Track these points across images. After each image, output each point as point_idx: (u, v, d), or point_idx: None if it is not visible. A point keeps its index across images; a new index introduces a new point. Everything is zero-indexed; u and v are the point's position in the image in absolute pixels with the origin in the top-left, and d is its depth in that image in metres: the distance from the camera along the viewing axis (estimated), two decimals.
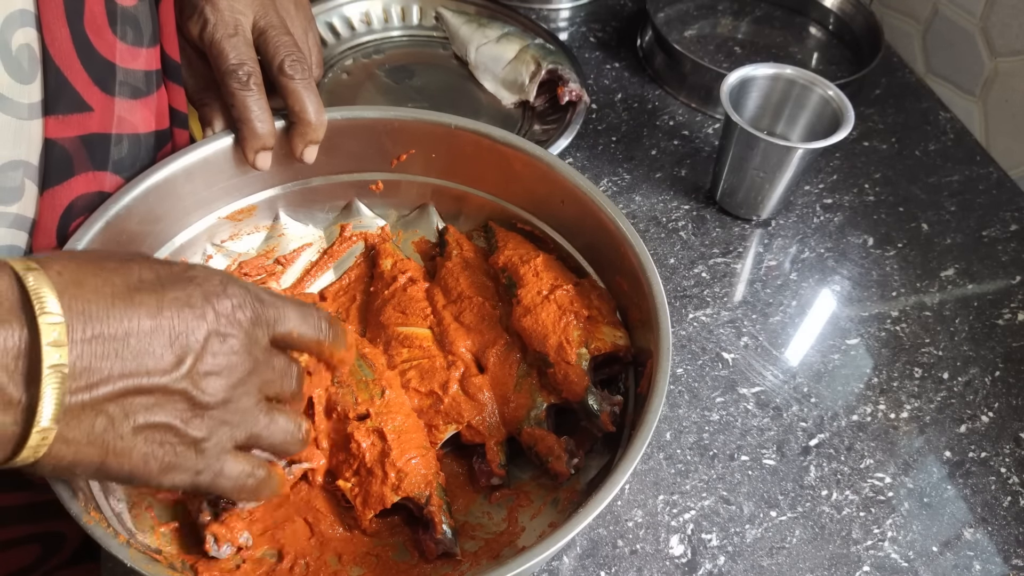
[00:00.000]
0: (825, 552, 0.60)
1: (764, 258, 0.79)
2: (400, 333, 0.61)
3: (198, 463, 0.42)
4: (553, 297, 0.59)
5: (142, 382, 0.39)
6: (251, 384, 0.44)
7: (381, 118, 0.64)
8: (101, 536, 0.42)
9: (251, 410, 0.44)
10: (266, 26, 0.59)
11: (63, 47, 0.48)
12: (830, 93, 0.78)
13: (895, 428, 0.68)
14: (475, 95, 0.91)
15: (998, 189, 0.87)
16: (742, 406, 0.68)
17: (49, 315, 0.36)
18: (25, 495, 0.59)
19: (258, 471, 0.46)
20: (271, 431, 0.46)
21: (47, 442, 0.37)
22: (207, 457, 0.43)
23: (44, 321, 0.36)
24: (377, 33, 0.96)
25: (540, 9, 1.02)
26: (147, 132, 0.57)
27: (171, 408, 0.40)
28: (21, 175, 0.48)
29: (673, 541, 0.60)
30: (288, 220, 0.68)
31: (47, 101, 0.48)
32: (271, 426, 0.46)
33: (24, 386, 0.36)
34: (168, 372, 0.39)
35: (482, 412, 0.57)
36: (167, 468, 0.41)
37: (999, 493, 0.64)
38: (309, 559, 0.52)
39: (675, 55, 0.91)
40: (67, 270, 0.38)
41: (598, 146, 0.87)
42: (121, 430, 0.39)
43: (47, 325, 0.36)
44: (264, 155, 0.60)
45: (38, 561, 0.63)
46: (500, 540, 0.54)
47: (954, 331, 0.74)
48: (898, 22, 1.03)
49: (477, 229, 0.68)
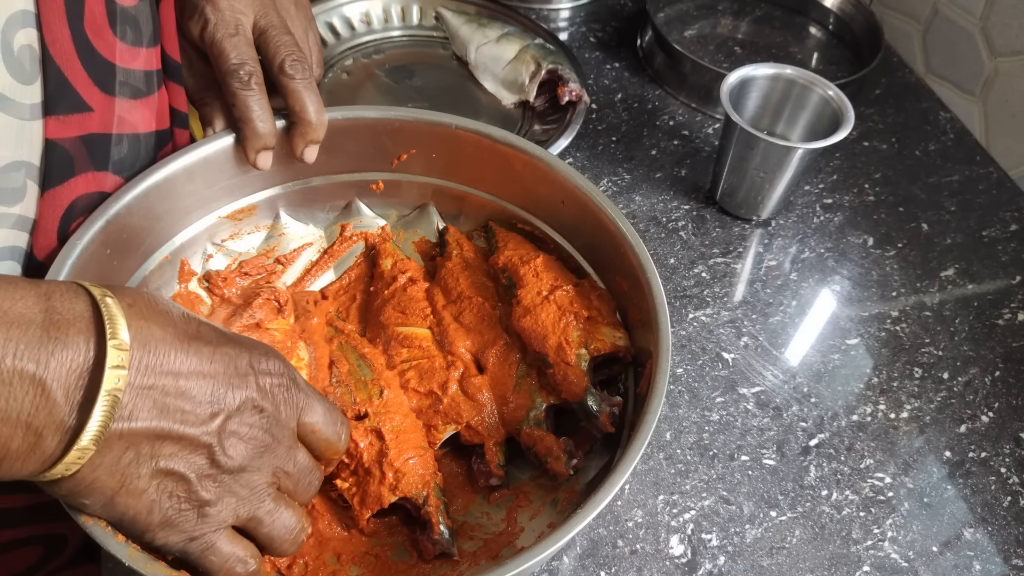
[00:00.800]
0: (825, 552, 0.60)
1: (764, 258, 0.79)
2: (400, 333, 0.61)
3: (196, 528, 0.42)
4: (553, 297, 0.59)
5: (175, 428, 0.40)
6: (268, 461, 0.44)
7: (382, 118, 0.64)
8: (100, 535, 0.42)
9: (261, 490, 0.44)
10: (267, 26, 0.59)
11: (63, 47, 0.48)
12: (830, 93, 0.78)
13: (895, 428, 0.68)
14: (475, 95, 0.91)
15: (998, 189, 0.87)
16: (742, 406, 0.68)
17: (118, 341, 0.37)
18: (27, 497, 0.59)
19: (250, 561, 0.45)
20: (273, 519, 0.45)
21: (81, 462, 0.38)
22: (206, 524, 0.42)
23: (112, 345, 0.37)
24: (377, 33, 0.96)
25: (540, 9, 1.02)
26: (147, 132, 0.57)
27: (191, 460, 0.41)
28: (23, 176, 0.48)
29: (673, 541, 0.60)
30: (289, 219, 0.68)
31: (47, 101, 0.48)
32: (274, 514, 0.45)
33: (78, 404, 0.37)
34: (201, 424, 0.40)
35: (481, 412, 0.57)
36: (165, 523, 0.41)
37: (999, 493, 0.64)
38: (308, 558, 0.52)
39: (675, 55, 0.91)
40: (137, 304, 0.40)
41: (598, 146, 0.87)
42: (141, 469, 0.40)
43: (114, 350, 0.37)
44: (265, 155, 0.60)
45: (40, 563, 0.63)
46: (499, 540, 0.54)
47: (954, 331, 0.74)
48: (898, 22, 1.03)
49: (477, 229, 0.68)
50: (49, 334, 0.36)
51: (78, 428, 0.37)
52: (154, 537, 0.42)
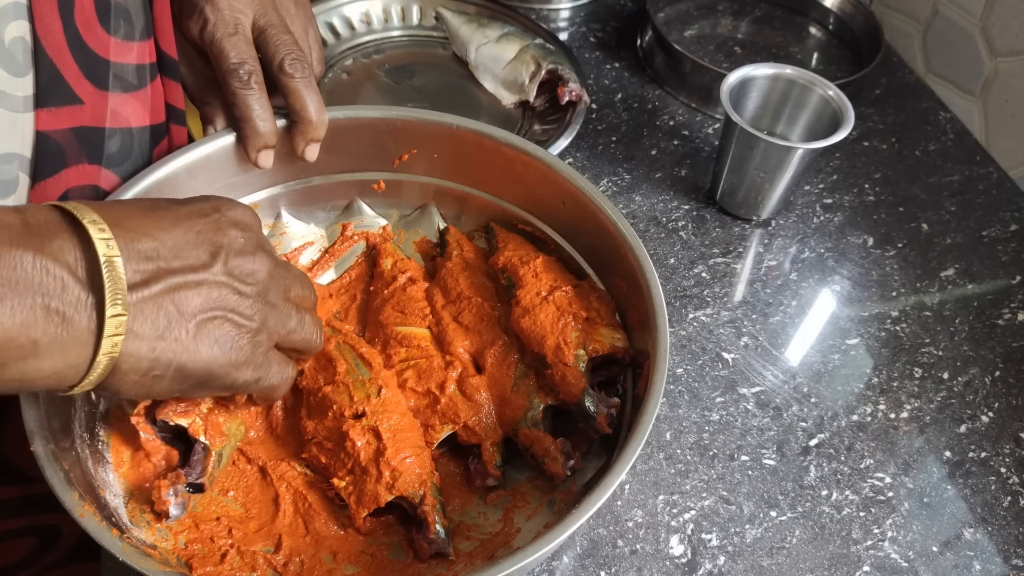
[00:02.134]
0: (825, 552, 0.60)
1: (764, 258, 0.79)
2: (399, 333, 0.61)
3: (258, 355, 0.46)
4: (552, 298, 0.59)
5: (189, 278, 0.42)
6: (278, 279, 0.48)
7: (383, 118, 0.64)
8: (94, 529, 0.43)
9: (284, 305, 0.48)
10: (266, 25, 0.59)
11: (55, 40, 0.48)
12: (830, 93, 0.78)
13: (895, 428, 0.68)
14: (475, 95, 0.91)
15: (998, 189, 0.87)
16: (742, 406, 0.68)
17: (94, 220, 0.40)
18: (20, 488, 0.59)
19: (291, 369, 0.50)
20: (303, 326, 0.50)
21: (120, 331, 0.39)
22: (263, 349, 0.47)
23: (90, 224, 0.39)
24: (377, 33, 0.96)
25: (540, 9, 1.02)
26: (141, 127, 0.57)
27: (222, 300, 0.44)
28: (15, 167, 0.49)
29: (673, 541, 0.60)
30: (290, 218, 0.68)
31: (39, 94, 0.48)
32: (303, 322, 0.50)
33: (88, 281, 0.39)
34: (208, 267, 0.44)
35: (479, 413, 0.57)
36: (236, 363, 0.45)
37: (999, 493, 0.64)
38: (304, 556, 0.52)
39: (675, 55, 0.91)
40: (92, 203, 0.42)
41: (598, 146, 0.87)
42: (185, 325, 0.42)
43: (94, 227, 0.39)
44: (266, 153, 0.60)
45: (33, 555, 0.63)
46: (495, 541, 0.54)
47: (954, 331, 0.74)
48: (898, 22, 1.03)
49: (478, 229, 0.68)
50: (32, 231, 0.38)
51: (98, 300, 0.39)
52: (234, 379, 0.45)
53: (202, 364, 0.43)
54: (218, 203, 0.47)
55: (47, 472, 0.45)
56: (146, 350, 0.41)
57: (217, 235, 0.45)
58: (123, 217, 0.42)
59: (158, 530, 0.51)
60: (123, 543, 0.43)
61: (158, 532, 0.51)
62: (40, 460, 0.45)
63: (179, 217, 0.44)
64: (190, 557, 0.49)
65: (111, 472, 0.52)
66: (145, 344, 0.41)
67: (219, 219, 0.46)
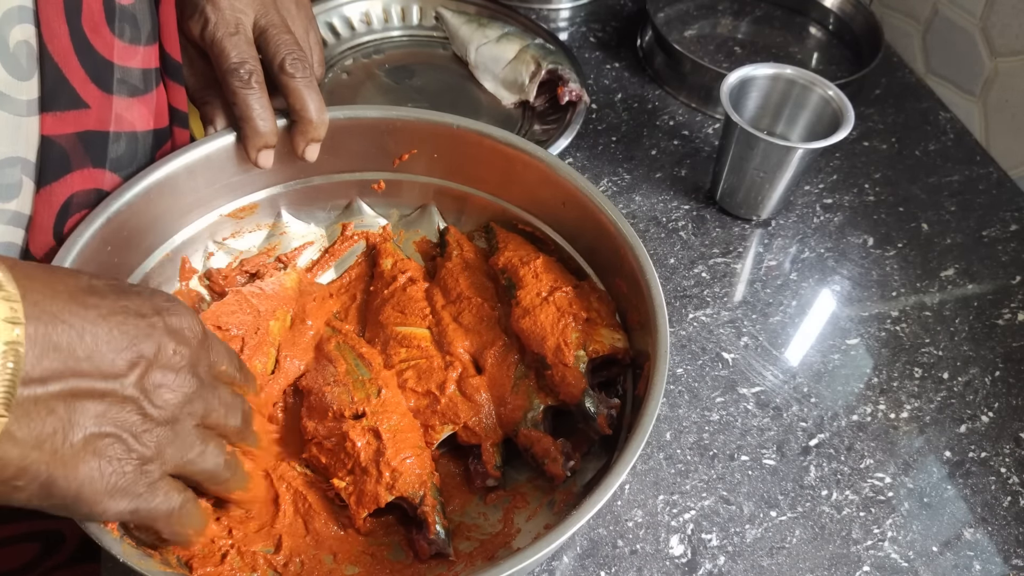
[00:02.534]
0: (825, 552, 0.60)
1: (764, 258, 0.79)
2: (399, 333, 0.61)
3: (140, 485, 0.41)
4: (552, 299, 0.59)
5: (96, 385, 0.38)
6: (197, 405, 0.43)
7: (383, 117, 0.64)
8: (95, 531, 0.42)
9: (190, 433, 0.43)
10: (267, 25, 0.59)
11: (61, 44, 0.48)
12: (830, 93, 0.78)
13: (895, 428, 0.68)
14: (475, 95, 0.91)
15: (998, 189, 0.87)
16: (742, 406, 0.68)
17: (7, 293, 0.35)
18: None
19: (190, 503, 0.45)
20: (204, 458, 0.44)
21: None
22: (149, 479, 0.41)
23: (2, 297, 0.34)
24: (377, 33, 0.96)
25: (540, 9, 1.02)
26: (145, 130, 0.57)
27: (121, 418, 0.39)
28: (19, 172, 0.48)
29: (673, 541, 0.60)
30: (290, 218, 0.68)
31: (44, 98, 0.48)
32: (204, 452, 0.44)
33: None
34: (120, 377, 0.39)
35: (479, 413, 0.57)
36: (111, 491, 0.39)
37: (999, 493, 0.64)
38: (304, 557, 0.52)
39: (675, 55, 0.91)
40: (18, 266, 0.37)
41: (598, 146, 0.87)
42: (71, 437, 0.37)
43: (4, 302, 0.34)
44: (266, 153, 0.60)
45: (36, 559, 0.63)
46: (495, 541, 0.54)
47: (954, 331, 0.74)
48: (898, 22, 1.03)
49: (479, 230, 0.68)
50: None
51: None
52: (104, 509, 0.40)
53: (74, 485, 0.38)
54: (163, 305, 0.42)
55: None
56: (17, 457, 0.36)
57: (146, 343, 0.40)
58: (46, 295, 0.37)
59: None
60: (124, 544, 0.42)
61: None
62: None
63: (112, 311, 0.39)
64: (190, 557, 0.49)
65: None
66: (18, 450, 0.35)
67: (155, 323, 0.41)
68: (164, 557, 0.48)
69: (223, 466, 0.46)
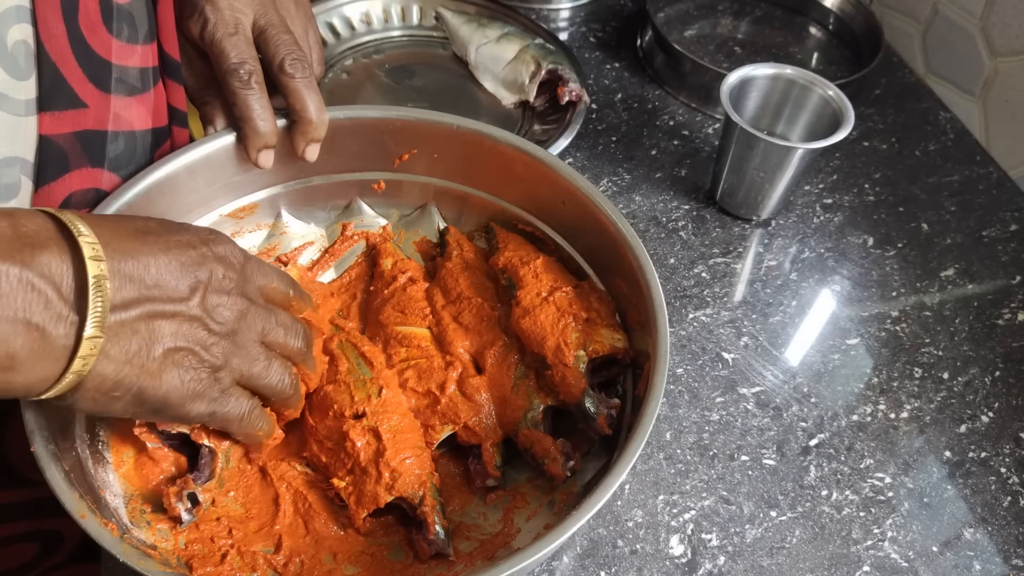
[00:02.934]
0: (825, 552, 0.60)
1: (764, 258, 0.79)
2: (399, 332, 0.61)
3: (214, 390, 0.46)
4: (552, 299, 0.59)
5: (166, 308, 0.43)
6: (252, 322, 0.48)
7: (383, 117, 0.64)
8: (94, 530, 0.42)
9: (252, 347, 0.49)
10: (266, 25, 0.59)
11: (59, 43, 0.48)
12: (830, 93, 0.78)
13: (895, 428, 0.68)
14: (475, 95, 0.91)
15: (998, 189, 0.87)
16: (742, 406, 0.68)
17: (86, 236, 0.40)
18: (24, 492, 0.59)
19: (257, 409, 0.50)
20: (269, 372, 0.50)
21: (95, 352, 0.40)
22: (222, 385, 0.47)
23: (83, 240, 0.40)
24: (377, 33, 0.96)
25: (540, 9, 1.02)
26: (143, 130, 0.57)
27: (191, 334, 0.44)
28: (18, 172, 0.48)
29: (673, 541, 0.60)
30: (290, 218, 0.68)
31: (42, 98, 0.48)
32: (269, 368, 0.50)
33: (71, 296, 0.39)
34: (185, 300, 0.44)
35: (479, 413, 0.57)
36: (192, 395, 0.45)
37: (999, 493, 0.64)
38: (304, 557, 0.52)
39: (675, 55, 0.91)
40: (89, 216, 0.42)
41: (598, 146, 0.87)
42: (153, 352, 0.43)
43: (87, 243, 0.40)
44: (266, 153, 0.60)
45: (36, 559, 0.63)
46: (495, 541, 0.54)
47: (954, 331, 0.74)
48: (898, 22, 1.03)
49: (478, 229, 0.68)
50: (22, 241, 0.38)
51: (80, 320, 0.39)
52: (188, 411, 0.46)
53: (161, 392, 0.44)
54: (208, 236, 0.47)
55: (47, 473, 0.45)
56: (112, 372, 0.41)
57: (200, 269, 0.45)
58: (113, 236, 0.42)
59: (158, 530, 0.51)
60: (123, 544, 0.43)
61: (158, 532, 0.51)
62: (40, 460, 0.45)
63: (168, 245, 0.44)
64: (190, 557, 0.49)
65: (111, 472, 0.52)
66: (113, 366, 0.41)
67: (205, 253, 0.46)
68: (164, 557, 0.48)
69: (288, 384, 0.51)
